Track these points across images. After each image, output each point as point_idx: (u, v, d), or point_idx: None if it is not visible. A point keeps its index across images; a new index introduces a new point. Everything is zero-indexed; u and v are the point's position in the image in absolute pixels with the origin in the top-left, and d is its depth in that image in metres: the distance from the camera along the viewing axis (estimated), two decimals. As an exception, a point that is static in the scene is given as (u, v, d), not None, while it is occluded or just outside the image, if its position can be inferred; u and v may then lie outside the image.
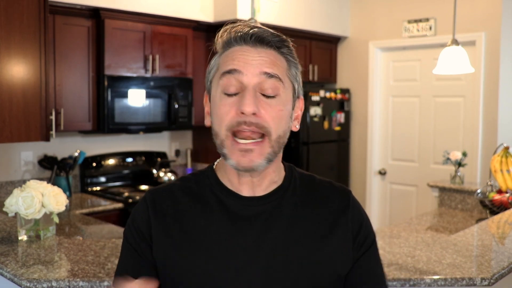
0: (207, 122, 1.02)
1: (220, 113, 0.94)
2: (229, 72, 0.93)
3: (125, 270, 1.00)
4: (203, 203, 1.01)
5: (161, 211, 1.01)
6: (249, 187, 1.00)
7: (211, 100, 0.99)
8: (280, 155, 1.02)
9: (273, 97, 0.94)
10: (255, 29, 0.95)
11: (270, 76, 0.93)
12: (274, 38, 0.96)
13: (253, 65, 0.93)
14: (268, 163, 0.95)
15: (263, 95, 0.93)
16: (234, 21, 1.02)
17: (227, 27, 0.98)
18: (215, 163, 1.07)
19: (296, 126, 1.03)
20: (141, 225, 1.01)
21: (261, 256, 0.96)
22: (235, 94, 0.93)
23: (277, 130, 0.94)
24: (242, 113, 0.91)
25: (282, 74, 0.95)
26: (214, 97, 0.97)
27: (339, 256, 1.00)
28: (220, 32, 0.99)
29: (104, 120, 3.50)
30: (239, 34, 0.95)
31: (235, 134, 0.93)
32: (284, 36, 0.99)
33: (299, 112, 1.05)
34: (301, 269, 0.96)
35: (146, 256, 1.00)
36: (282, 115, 0.95)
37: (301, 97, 1.06)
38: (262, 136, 0.93)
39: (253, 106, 0.91)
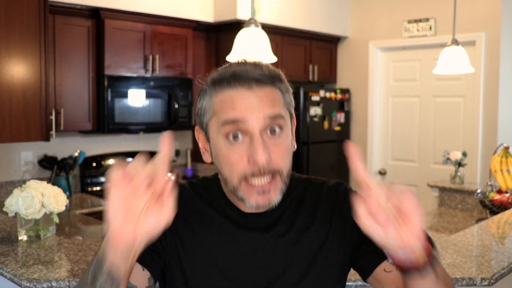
0: (207, 159, 1.01)
1: (230, 162, 0.93)
2: (233, 122, 0.91)
3: None
4: (208, 211, 1.03)
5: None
6: None
7: (212, 144, 0.97)
8: None
9: (276, 132, 0.94)
10: (250, 73, 0.94)
11: (274, 117, 0.92)
12: (268, 78, 0.95)
13: (254, 110, 0.91)
14: (281, 194, 0.96)
15: (270, 133, 0.93)
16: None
17: (218, 69, 0.98)
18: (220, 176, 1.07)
19: (294, 146, 1.02)
20: None
21: (262, 264, 0.99)
22: (238, 137, 0.92)
23: (286, 166, 0.96)
24: (255, 162, 0.90)
25: (282, 108, 0.95)
26: (216, 143, 0.95)
27: (341, 250, 1.02)
28: (212, 73, 0.98)
29: (104, 120, 3.50)
30: (232, 77, 0.93)
31: (248, 180, 0.93)
32: (276, 70, 0.98)
33: (293, 129, 1.04)
34: (302, 274, 0.99)
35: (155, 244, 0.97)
36: (288, 149, 0.97)
37: (293, 115, 1.05)
38: (274, 176, 0.94)
39: (266, 155, 0.90)
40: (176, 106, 3.84)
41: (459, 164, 3.50)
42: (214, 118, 0.95)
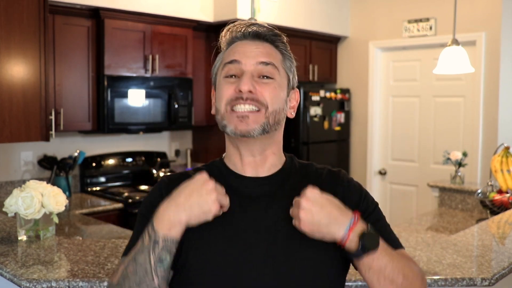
0: (212, 111, 1.12)
1: (221, 93, 1.06)
2: (230, 62, 1.06)
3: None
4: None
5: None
6: (252, 168, 1.09)
7: (216, 88, 1.10)
8: (280, 141, 1.12)
9: (269, 78, 1.05)
10: (254, 27, 1.09)
11: (266, 64, 1.05)
12: (269, 32, 1.09)
13: (250, 56, 1.05)
14: (263, 132, 1.04)
15: (260, 77, 1.05)
16: (235, 20, 1.12)
17: (229, 26, 1.11)
18: (223, 155, 1.16)
19: (291, 113, 1.13)
20: (156, 205, 1.04)
21: (264, 232, 1.03)
22: (235, 77, 1.05)
23: (273, 105, 1.04)
24: (240, 91, 1.02)
25: (277, 63, 1.07)
26: (218, 84, 1.09)
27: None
28: (224, 31, 1.11)
29: (104, 120, 3.50)
30: (239, 31, 1.09)
31: (233, 107, 1.03)
32: (278, 32, 1.10)
33: (294, 103, 1.14)
34: (301, 242, 1.01)
35: None
36: (277, 94, 1.06)
37: (296, 89, 1.14)
38: (258, 109, 1.03)
39: (250, 85, 1.02)
40: (176, 106, 3.84)
41: (459, 164, 3.50)
42: (221, 66, 1.09)
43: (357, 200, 1.09)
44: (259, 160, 1.09)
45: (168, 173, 1.01)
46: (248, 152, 1.07)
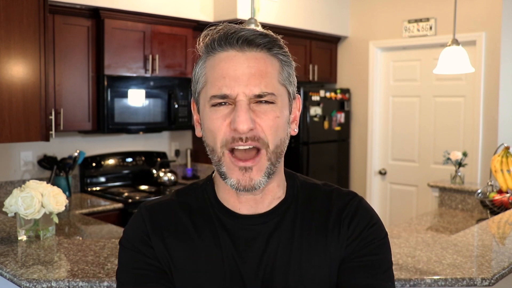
0: (197, 133, 0.96)
1: (213, 127, 0.88)
2: (219, 97, 0.87)
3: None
4: (202, 221, 0.97)
5: (160, 228, 0.96)
6: (250, 206, 0.95)
7: (200, 111, 0.93)
8: (281, 166, 0.98)
9: (268, 102, 0.88)
10: (242, 32, 0.87)
11: (261, 96, 0.87)
12: (263, 39, 0.89)
13: (242, 82, 0.86)
14: (268, 178, 0.90)
15: (257, 103, 0.88)
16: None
17: (208, 31, 0.91)
18: (213, 175, 1.01)
19: (294, 130, 0.97)
20: (138, 243, 0.96)
21: (262, 274, 0.93)
22: (225, 104, 0.87)
23: (275, 141, 0.89)
24: (236, 129, 0.85)
25: (274, 84, 0.89)
26: (203, 110, 0.91)
27: (335, 260, 0.96)
28: (202, 36, 0.91)
29: (104, 120, 3.49)
30: (224, 38, 0.88)
31: (232, 151, 0.88)
32: (274, 35, 0.92)
33: (296, 113, 0.98)
34: (299, 279, 0.94)
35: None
36: (278, 123, 0.89)
37: (298, 96, 0.98)
38: (258, 150, 0.88)
39: (248, 122, 0.85)
40: (176, 106, 3.83)
41: (460, 164, 3.50)
42: (204, 89, 0.90)
43: (360, 231, 0.96)
44: (260, 197, 0.95)
45: (148, 199, 0.93)
46: (247, 193, 0.93)
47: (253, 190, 0.89)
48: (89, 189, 3.75)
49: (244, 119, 0.84)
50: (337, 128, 4.87)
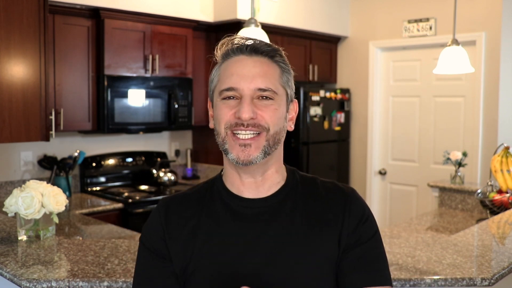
0: (211, 125, 1.12)
1: (221, 116, 1.05)
2: (227, 90, 1.04)
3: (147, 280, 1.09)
4: (213, 208, 1.10)
5: (175, 219, 1.10)
6: (252, 189, 1.08)
7: (214, 106, 1.09)
8: (281, 156, 1.12)
9: (268, 99, 1.04)
10: (251, 41, 1.07)
11: (264, 90, 1.03)
12: (267, 48, 1.07)
13: (248, 79, 1.03)
14: (265, 156, 1.04)
15: (259, 99, 1.04)
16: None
17: (225, 40, 1.10)
18: (222, 172, 1.15)
19: (291, 126, 1.13)
20: (156, 240, 1.09)
21: (264, 254, 1.03)
22: (233, 98, 1.04)
23: (274, 127, 1.04)
24: (240, 118, 1.01)
25: (275, 84, 1.05)
26: (216, 104, 1.08)
27: (333, 248, 1.05)
28: (219, 44, 1.10)
29: (104, 120, 3.50)
30: (236, 45, 1.07)
31: (234, 131, 1.03)
32: (276, 46, 1.09)
33: (293, 114, 1.14)
34: (298, 260, 1.03)
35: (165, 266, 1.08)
36: (277, 114, 1.05)
37: (295, 100, 1.14)
38: (259, 132, 1.03)
39: (250, 112, 1.01)
40: (176, 106, 3.84)
41: (459, 164, 3.50)
42: (218, 86, 1.07)
43: (355, 225, 1.07)
44: (260, 180, 1.09)
45: (167, 196, 1.07)
46: (248, 175, 1.08)
47: (250, 164, 1.03)
48: (89, 189, 3.76)
49: (247, 109, 1.01)
50: (337, 128, 4.87)
